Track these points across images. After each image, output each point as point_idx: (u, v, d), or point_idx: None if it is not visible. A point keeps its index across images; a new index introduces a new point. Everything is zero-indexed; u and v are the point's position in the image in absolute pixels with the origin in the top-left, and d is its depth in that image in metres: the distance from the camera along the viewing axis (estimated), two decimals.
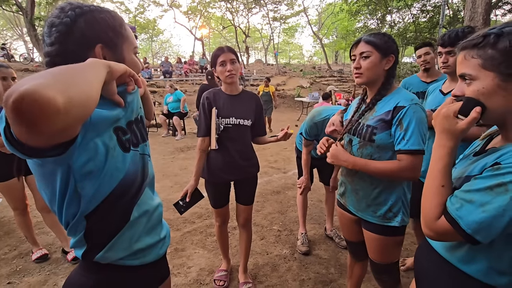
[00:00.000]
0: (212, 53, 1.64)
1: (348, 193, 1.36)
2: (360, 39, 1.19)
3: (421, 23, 16.86)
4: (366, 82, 1.20)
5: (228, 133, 1.67)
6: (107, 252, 0.71)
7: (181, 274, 2.05)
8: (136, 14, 25.77)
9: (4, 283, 1.97)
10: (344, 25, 22.56)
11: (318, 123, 2.00)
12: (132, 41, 0.77)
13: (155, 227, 0.83)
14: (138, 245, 0.77)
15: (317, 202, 3.20)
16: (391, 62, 1.17)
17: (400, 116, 1.11)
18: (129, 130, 0.75)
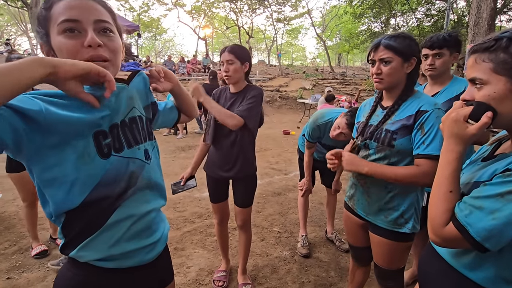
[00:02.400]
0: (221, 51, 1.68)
1: (359, 195, 1.33)
2: (379, 43, 1.13)
3: (425, 27, 16.83)
4: (387, 88, 1.17)
5: (224, 130, 1.68)
6: (80, 251, 0.69)
7: (180, 273, 2.04)
8: (141, 12, 25.82)
9: (3, 278, 1.96)
10: (347, 28, 22.54)
11: (321, 126, 1.99)
12: (56, 18, 0.63)
13: (140, 233, 0.77)
14: (116, 249, 0.72)
15: (318, 205, 3.19)
16: (413, 65, 1.13)
17: (422, 121, 1.08)
18: (111, 134, 0.70)
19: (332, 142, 2.04)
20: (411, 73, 1.15)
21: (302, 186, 2.29)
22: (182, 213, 2.95)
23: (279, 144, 6.07)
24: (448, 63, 1.58)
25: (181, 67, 14.49)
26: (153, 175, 0.81)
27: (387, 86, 1.15)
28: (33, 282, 1.93)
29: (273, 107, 11.27)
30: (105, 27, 0.67)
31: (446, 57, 1.57)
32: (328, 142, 2.07)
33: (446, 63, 1.58)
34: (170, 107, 1.01)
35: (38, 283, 1.92)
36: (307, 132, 2.07)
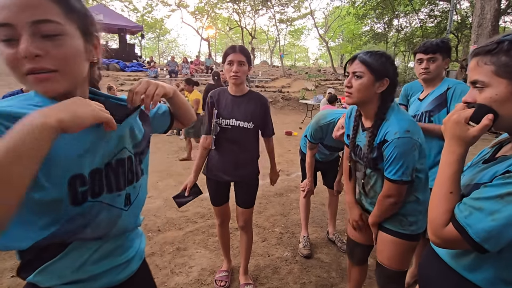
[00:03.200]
0: (225, 50, 1.63)
1: (365, 201, 1.38)
2: (356, 56, 1.14)
3: (429, 28, 16.76)
4: (356, 103, 1.18)
5: (227, 134, 1.67)
6: (37, 276, 0.61)
7: (182, 273, 2.05)
8: (144, 13, 25.97)
9: (8, 276, 1.99)
10: (350, 29, 22.49)
11: (323, 127, 1.99)
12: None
13: (111, 253, 0.69)
14: (81, 274, 0.63)
15: (319, 205, 3.20)
16: (385, 85, 1.12)
17: (384, 149, 1.13)
18: (91, 179, 0.60)
19: (334, 142, 2.05)
20: (384, 94, 1.14)
21: (304, 187, 2.29)
22: (185, 213, 2.97)
23: (281, 145, 6.08)
24: (441, 67, 1.67)
25: (184, 68, 14.54)
26: (131, 221, 0.72)
27: (355, 101, 1.16)
28: None
29: (275, 107, 11.28)
30: (47, 29, 0.51)
31: (439, 62, 1.66)
32: (331, 143, 2.08)
33: (439, 67, 1.67)
34: (163, 112, 0.90)
35: None
36: (309, 133, 2.08)
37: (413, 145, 1.10)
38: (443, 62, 1.67)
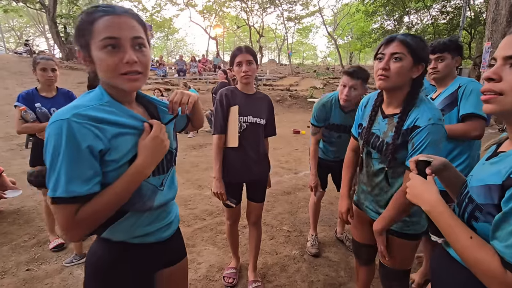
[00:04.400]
0: (231, 53, 1.67)
1: (367, 199, 1.35)
2: (394, 37, 1.06)
3: (441, 24, 16.38)
4: (391, 88, 1.10)
5: (246, 132, 1.69)
6: (109, 231, 0.82)
7: (191, 269, 2.08)
8: (153, 12, 26.22)
9: (23, 269, 2.05)
10: (359, 26, 22.19)
11: (326, 104, 1.99)
12: (99, 32, 0.70)
13: (157, 218, 0.90)
14: (138, 231, 0.86)
15: (328, 205, 3.18)
16: (420, 71, 1.07)
17: (414, 135, 1.07)
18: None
19: (341, 119, 2.01)
20: (417, 80, 1.10)
21: (310, 184, 2.22)
22: (193, 211, 3.00)
23: (289, 143, 6.06)
24: (450, 66, 1.66)
25: (192, 67, 14.64)
26: (165, 198, 0.92)
27: (391, 85, 1.08)
28: (51, 274, 2.01)
29: (283, 106, 11.25)
30: (140, 43, 0.74)
31: (448, 61, 1.65)
32: (337, 120, 2.02)
33: (449, 66, 1.66)
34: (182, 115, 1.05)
35: (55, 275, 2.00)
36: (313, 117, 2.06)
37: (444, 135, 1.07)
38: (453, 61, 1.66)
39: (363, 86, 1.86)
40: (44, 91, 2.23)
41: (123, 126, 0.76)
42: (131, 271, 0.87)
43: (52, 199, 0.68)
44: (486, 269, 0.60)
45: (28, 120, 2.11)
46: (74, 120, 0.67)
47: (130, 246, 0.85)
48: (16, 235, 2.49)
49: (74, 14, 14.49)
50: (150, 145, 0.77)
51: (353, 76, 1.81)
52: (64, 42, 14.34)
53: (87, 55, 0.74)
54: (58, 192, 0.67)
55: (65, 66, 11.62)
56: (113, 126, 0.74)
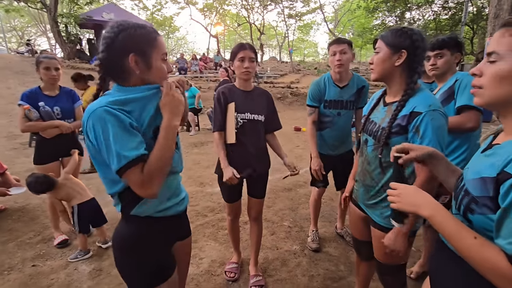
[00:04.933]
0: (233, 48, 1.69)
1: (360, 190, 1.37)
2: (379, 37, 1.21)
3: (443, 20, 16.26)
4: (378, 78, 1.20)
5: (244, 128, 1.71)
6: (139, 208, 0.98)
7: (193, 264, 2.11)
8: (154, 11, 26.18)
9: (29, 265, 2.10)
10: (361, 23, 22.07)
11: (319, 82, 2.09)
12: (160, 48, 0.95)
13: (174, 194, 1.08)
14: (161, 206, 1.02)
15: (328, 201, 3.20)
16: (403, 57, 1.12)
17: (416, 123, 1.08)
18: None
19: (336, 95, 2.06)
20: (406, 66, 1.14)
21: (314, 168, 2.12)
22: (195, 207, 3.03)
23: (290, 141, 6.08)
24: (450, 63, 1.69)
25: (193, 65, 14.64)
26: (178, 162, 1.09)
27: (377, 76, 1.20)
28: (56, 270, 2.05)
29: (284, 103, 11.24)
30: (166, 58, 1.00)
31: (447, 57, 1.67)
32: (333, 96, 2.06)
33: (448, 63, 1.68)
34: None
35: (61, 271, 2.04)
36: (308, 97, 2.15)
37: (446, 123, 1.08)
38: (452, 57, 1.68)
39: (350, 49, 1.99)
40: (47, 89, 2.26)
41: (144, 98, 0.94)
42: (158, 243, 1.03)
43: (119, 170, 0.83)
44: (494, 267, 0.61)
45: (32, 118, 2.15)
46: (110, 106, 0.84)
47: (155, 220, 1.01)
48: (22, 232, 2.53)
49: (75, 13, 14.49)
50: (165, 102, 0.94)
51: (339, 42, 1.96)
52: (66, 41, 14.37)
53: (142, 60, 0.91)
54: (122, 162, 0.82)
55: (67, 65, 11.66)
56: (137, 102, 0.92)
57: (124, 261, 1.02)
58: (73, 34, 14.75)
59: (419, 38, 1.11)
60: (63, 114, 2.27)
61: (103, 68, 0.94)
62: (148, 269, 1.01)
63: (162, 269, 1.04)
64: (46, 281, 1.94)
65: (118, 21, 0.92)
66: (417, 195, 0.77)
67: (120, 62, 0.90)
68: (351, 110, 2.11)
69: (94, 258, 2.18)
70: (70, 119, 2.32)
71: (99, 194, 2.85)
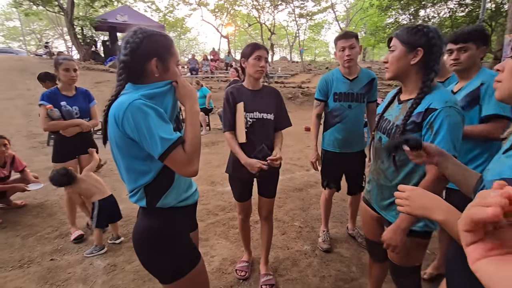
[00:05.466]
0: (249, 46, 1.70)
1: (374, 190, 1.35)
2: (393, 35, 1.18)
3: (459, 17, 15.78)
4: (393, 77, 1.18)
5: (253, 127, 1.72)
6: (163, 200, 1.04)
7: (204, 262, 2.13)
8: (166, 13, 26.58)
9: (47, 259, 2.17)
10: (373, 21, 21.70)
11: (327, 78, 2.11)
12: (176, 56, 1.05)
13: (189, 186, 1.16)
14: (181, 196, 1.10)
15: (339, 201, 3.17)
16: (419, 55, 1.10)
17: (431, 119, 1.06)
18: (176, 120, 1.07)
19: (346, 87, 2.05)
20: (423, 65, 1.12)
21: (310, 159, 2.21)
22: (206, 206, 3.06)
23: (301, 141, 6.05)
24: (474, 57, 1.54)
25: (204, 65, 14.77)
26: None
27: (392, 75, 1.17)
28: (73, 264, 2.12)
29: (295, 103, 11.19)
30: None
31: (472, 51, 1.52)
32: (343, 89, 2.06)
33: (472, 57, 1.53)
34: None
35: (77, 265, 2.11)
36: (317, 91, 2.18)
37: (461, 121, 1.05)
38: (478, 51, 1.53)
39: (358, 42, 1.99)
40: (65, 90, 2.34)
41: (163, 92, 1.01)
42: (182, 232, 1.11)
43: (164, 152, 0.90)
44: None
45: (54, 118, 2.23)
46: (143, 100, 0.91)
47: (177, 210, 1.08)
48: (40, 227, 2.63)
49: (90, 16, 14.89)
50: (183, 93, 1.04)
51: (347, 36, 1.94)
52: (81, 43, 14.78)
53: (161, 65, 0.99)
54: (167, 144, 0.90)
55: (83, 67, 11.99)
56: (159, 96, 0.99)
57: (153, 255, 1.04)
58: (88, 37, 15.16)
59: (436, 35, 1.09)
60: (81, 113, 2.35)
61: (125, 70, 0.98)
62: (179, 257, 1.06)
63: (190, 256, 1.09)
64: (64, 275, 2.01)
65: (140, 27, 0.99)
66: (427, 198, 0.74)
67: (143, 66, 0.98)
68: (362, 103, 2.09)
69: (108, 254, 2.24)
70: (87, 118, 2.39)
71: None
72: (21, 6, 14.16)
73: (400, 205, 0.78)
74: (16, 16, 25.96)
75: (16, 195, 3.07)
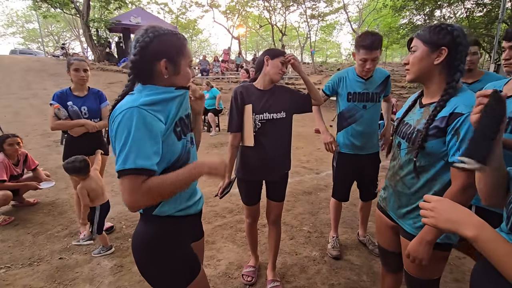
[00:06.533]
0: (277, 50, 1.73)
1: (390, 198, 1.28)
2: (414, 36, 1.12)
3: (476, 18, 15.27)
4: (415, 79, 1.11)
5: (264, 129, 1.68)
6: (160, 208, 1.00)
7: (210, 265, 2.11)
8: (179, 14, 26.90)
9: (56, 257, 2.19)
10: (387, 22, 21.29)
11: (341, 77, 2.06)
12: (188, 56, 1.00)
13: (192, 195, 1.11)
14: (182, 205, 1.06)
15: (350, 206, 3.08)
16: (443, 55, 1.03)
17: (456, 125, 0.99)
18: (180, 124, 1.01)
19: (361, 87, 1.99)
20: (445, 66, 1.05)
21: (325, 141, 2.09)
22: (214, 208, 3.04)
23: (311, 143, 5.96)
24: None
25: (215, 66, 14.86)
26: (194, 157, 1.12)
27: (413, 76, 1.11)
28: (81, 264, 2.13)
29: None
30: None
31: None
32: (358, 88, 1.99)
33: None
34: None
35: (85, 265, 2.12)
36: (326, 84, 2.13)
37: None
38: None
39: (381, 48, 1.89)
40: (76, 90, 2.37)
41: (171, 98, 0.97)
42: (180, 241, 1.05)
43: (121, 171, 0.83)
44: None
45: (60, 117, 2.25)
46: (142, 107, 0.86)
47: (175, 219, 1.04)
48: (51, 225, 2.66)
49: (105, 18, 15.23)
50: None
51: (372, 48, 1.81)
52: (96, 44, 15.13)
53: (171, 66, 0.96)
54: (127, 166, 0.82)
55: (97, 68, 12.25)
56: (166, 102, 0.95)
57: (148, 263, 1.01)
58: (103, 38, 15.50)
59: (461, 34, 1.02)
60: (90, 113, 2.37)
61: (133, 70, 0.96)
62: (174, 269, 1.01)
63: (188, 267, 1.04)
64: (72, 274, 2.02)
65: (152, 26, 0.96)
66: (455, 210, 0.67)
67: (151, 66, 0.94)
68: (378, 102, 2.04)
69: (116, 254, 2.24)
70: (97, 119, 2.41)
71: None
72: (40, 9, 14.64)
73: (425, 216, 0.72)
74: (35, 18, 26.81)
75: (28, 193, 3.13)
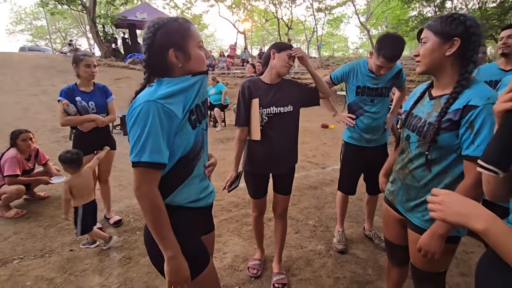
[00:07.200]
0: (283, 43, 1.73)
1: (398, 191, 1.27)
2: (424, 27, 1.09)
3: (489, 9, 14.81)
4: (426, 70, 1.08)
5: (271, 123, 1.67)
6: (173, 197, 1.02)
7: (216, 258, 2.13)
8: (184, 9, 26.84)
9: (67, 249, 2.25)
10: (395, 14, 20.82)
11: (352, 68, 2.04)
12: (195, 37, 0.98)
13: (205, 188, 1.12)
14: (193, 197, 1.07)
15: (356, 200, 3.07)
16: (455, 46, 1.00)
17: (471, 117, 0.96)
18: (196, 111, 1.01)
19: (372, 82, 1.97)
20: (458, 57, 1.02)
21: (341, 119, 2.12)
22: (220, 202, 3.06)
23: (317, 138, 5.93)
24: None
25: (221, 61, 14.84)
26: (207, 141, 1.14)
27: (424, 68, 1.08)
28: (91, 255, 2.18)
29: None
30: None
31: None
32: (366, 83, 1.98)
33: None
34: None
35: (94, 256, 2.17)
36: (335, 72, 2.12)
37: None
38: None
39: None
40: (83, 86, 2.39)
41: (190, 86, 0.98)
42: (190, 232, 1.05)
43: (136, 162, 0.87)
44: None
45: (70, 113, 2.29)
46: (159, 102, 0.88)
47: (187, 210, 1.05)
48: (61, 218, 2.72)
49: (111, 14, 15.31)
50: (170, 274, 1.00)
51: (392, 59, 1.80)
52: (103, 40, 15.24)
53: (181, 53, 0.95)
54: (142, 159, 0.87)
55: (104, 64, 12.36)
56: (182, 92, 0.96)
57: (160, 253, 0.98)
58: (109, 34, 15.60)
59: (474, 24, 0.99)
60: (97, 108, 2.40)
61: (148, 69, 0.97)
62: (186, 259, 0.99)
63: (198, 259, 1.04)
64: (82, 266, 2.07)
65: (152, 20, 0.96)
66: (464, 204, 0.66)
67: (162, 60, 0.95)
68: (386, 97, 2.03)
69: (124, 247, 2.29)
70: (104, 114, 2.44)
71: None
72: (47, 6, 14.79)
73: (433, 210, 0.71)
74: (43, 16, 27.16)
75: (39, 187, 3.21)
